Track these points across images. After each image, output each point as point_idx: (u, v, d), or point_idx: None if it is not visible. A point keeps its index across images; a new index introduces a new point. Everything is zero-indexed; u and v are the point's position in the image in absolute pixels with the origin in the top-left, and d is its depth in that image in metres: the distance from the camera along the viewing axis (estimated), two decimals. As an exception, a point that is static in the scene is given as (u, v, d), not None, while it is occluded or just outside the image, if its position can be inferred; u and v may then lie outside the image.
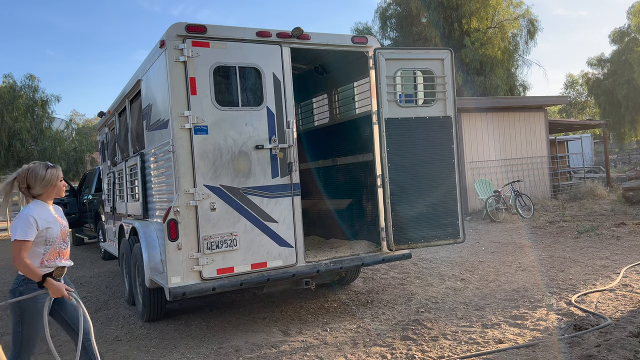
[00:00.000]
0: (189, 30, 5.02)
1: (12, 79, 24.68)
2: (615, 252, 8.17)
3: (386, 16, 29.18)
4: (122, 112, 7.65)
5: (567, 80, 52.61)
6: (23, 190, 3.40)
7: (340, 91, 7.47)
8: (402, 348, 4.61)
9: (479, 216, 14.13)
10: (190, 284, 4.95)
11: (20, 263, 3.21)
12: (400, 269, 8.07)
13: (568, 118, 43.84)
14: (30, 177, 3.39)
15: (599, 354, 3.99)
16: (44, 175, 3.39)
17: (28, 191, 3.41)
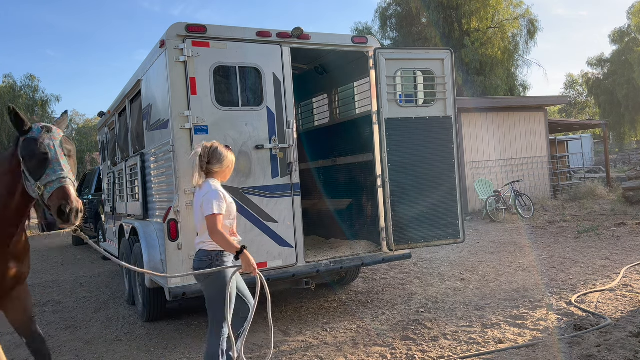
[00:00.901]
0: (189, 30, 5.02)
1: (12, 79, 24.74)
2: (615, 252, 8.17)
3: (386, 16, 29.19)
4: (122, 112, 7.65)
5: (567, 80, 52.67)
6: (202, 164, 3.60)
7: (340, 91, 7.47)
8: (402, 348, 4.61)
9: (479, 216, 14.14)
10: (190, 284, 4.95)
11: (218, 235, 3.39)
12: (400, 269, 8.07)
13: (568, 118, 43.84)
14: (212, 153, 3.62)
15: (599, 354, 4.00)
16: (225, 156, 3.65)
17: (206, 166, 3.60)
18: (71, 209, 2.97)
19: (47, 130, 3.20)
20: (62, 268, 10.92)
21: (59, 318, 6.64)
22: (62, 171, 3.07)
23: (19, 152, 3.17)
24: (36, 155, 3.08)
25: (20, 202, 3.25)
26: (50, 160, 3.08)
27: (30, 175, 3.08)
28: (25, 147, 3.12)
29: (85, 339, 5.64)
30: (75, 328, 6.12)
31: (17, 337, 5.81)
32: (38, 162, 3.07)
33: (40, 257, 12.84)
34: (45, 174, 3.04)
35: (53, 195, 2.99)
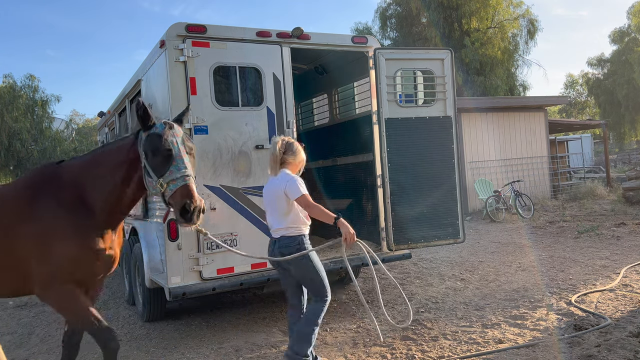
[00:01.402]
0: (189, 30, 5.03)
1: (12, 79, 24.69)
2: (615, 252, 8.17)
3: (386, 16, 29.16)
4: (122, 112, 7.65)
5: (567, 80, 52.61)
6: (280, 153, 3.93)
7: (340, 91, 7.47)
8: (402, 348, 4.61)
9: (479, 216, 14.13)
10: (190, 284, 4.95)
11: (316, 208, 3.80)
12: (400, 269, 8.06)
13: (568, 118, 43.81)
14: (289, 146, 3.99)
15: (599, 354, 3.99)
16: (300, 150, 4.04)
17: (282, 155, 3.94)
18: (194, 207, 3.00)
19: (170, 127, 3.22)
20: (62, 268, 10.91)
21: (59, 318, 6.63)
22: (186, 169, 3.09)
23: (139, 147, 3.21)
24: (160, 151, 3.10)
25: (134, 193, 3.33)
26: (174, 157, 3.09)
27: (153, 172, 3.10)
28: (148, 142, 3.13)
29: (85, 339, 5.61)
30: (75, 328, 6.11)
31: (17, 337, 5.82)
32: (162, 158, 3.09)
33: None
34: (169, 171, 3.06)
35: (176, 193, 3.01)
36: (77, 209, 3.28)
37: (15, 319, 6.73)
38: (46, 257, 3.19)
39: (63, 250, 3.19)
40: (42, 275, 3.22)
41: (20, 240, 3.21)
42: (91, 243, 3.28)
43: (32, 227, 3.21)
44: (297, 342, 3.89)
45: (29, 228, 3.21)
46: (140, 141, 3.23)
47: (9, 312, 7.14)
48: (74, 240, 3.22)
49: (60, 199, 3.30)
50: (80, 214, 3.28)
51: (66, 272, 3.22)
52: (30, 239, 3.20)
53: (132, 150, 3.29)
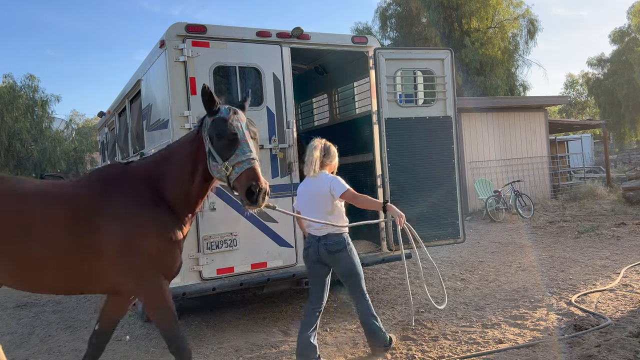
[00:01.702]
0: (189, 30, 5.02)
1: (12, 79, 24.67)
2: (616, 252, 8.17)
3: (386, 16, 29.16)
4: (122, 112, 7.65)
5: (567, 80, 52.60)
6: (320, 156, 4.26)
7: (340, 91, 7.47)
8: (402, 348, 4.60)
9: (479, 216, 14.13)
10: (190, 284, 4.95)
11: (363, 198, 4.16)
12: (400, 269, 8.05)
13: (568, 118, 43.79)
14: (327, 149, 4.34)
15: (599, 354, 3.99)
16: (335, 154, 4.38)
17: (321, 157, 4.25)
18: (260, 189, 3.05)
19: (234, 112, 3.27)
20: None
21: (59, 318, 6.63)
22: (251, 152, 3.14)
23: (204, 133, 3.25)
24: (226, 135, 3.14)
25: (202, 184, 3.36)
26: (239, 140, 3.14)
27: (219, 155, 3.14)
28: (214, 126, 3.18)
29: (85, 339, 5.59)
30: (75, 328, 6.11)
31: (17, 337, 5.82)
32: (228, 142, 3.13)
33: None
34: (234, 154, 3.10)
35: (242, 176, 3.06)
36: (158, 205, 3.34)
37: (15, 319, 6.73)
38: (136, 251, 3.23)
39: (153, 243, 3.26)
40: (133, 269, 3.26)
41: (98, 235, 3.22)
42: (175, 237, 3.34)
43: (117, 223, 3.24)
44: (372, 338, 4.36)
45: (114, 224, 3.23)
46: (205, 127, 3.27)
47: (9, 312, 7.14)
48: (162, 234, 3.29)
49: (141, 195, 3.35)
50: (162, 210, 3.34)
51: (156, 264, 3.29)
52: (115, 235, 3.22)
53: (197, 138, 3.33)
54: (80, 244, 3.22)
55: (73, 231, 3.23)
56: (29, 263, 3.25)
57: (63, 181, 3.79)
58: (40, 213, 3.27)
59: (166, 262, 3.35)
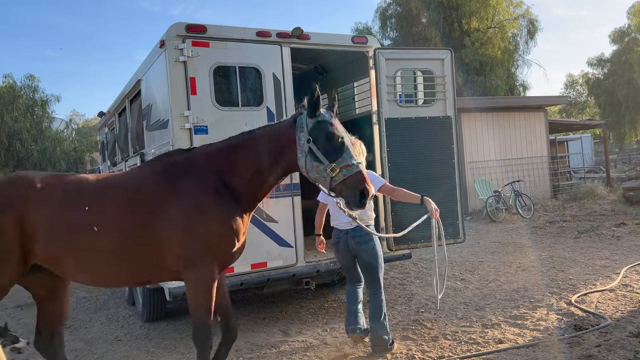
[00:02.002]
0: (189, 30, 5.02)
1: (12, 79, 24.66)
2: (616, 252, 8.17)
3: (386, 16, 29.15)
4: (122, 112, 7.65)
5: (567, 80, 52.59)
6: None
7: (340, 91, 7.47)
8: (402, 348, 4.60)
9: (479, 216, 14.13)
10: (190, 284, 4.94)
11: (399, 191, 4.44)
12: (400, 269, 8.06)
13: (568, 118, 43.77)
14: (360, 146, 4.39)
15: (599, 354, 3.99)
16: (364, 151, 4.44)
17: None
18: (369, 193, 3.21)
19: (334, 117, 3.40)
20: (62, 268, 10.91)
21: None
22: (357, 157, 3.32)
23: (300, 132, 3.31)
24: (334, 138, 3.25)
25: (277, 178, 3.46)
26: (346, 145, 3.28)
27: (325, 157, 3.22)
28: (319, 128, 3.27)
29: (85, 339, 5.64)
30: (75, 328, 6.12)
31: (17, 337, 5.81)
32: (336, 145, 3.25)
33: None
34: (342, 157, 3.22)
35: (351, 178, 3.19)
36: (220, 192, 3.37)
37: (15, 319, 6.73)
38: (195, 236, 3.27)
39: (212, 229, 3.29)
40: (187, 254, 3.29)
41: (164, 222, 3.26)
42: (235, 225, 3.37)
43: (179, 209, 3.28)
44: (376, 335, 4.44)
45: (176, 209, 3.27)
46: (303, 127, 3.31)
47: (9, 312, 7.14)
48: (221, 221, 3.32)
49: (204, 182, 3.38)
50: (224, 197, 3.37)
51: (211, 251, 3.32)
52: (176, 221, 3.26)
53: (285, 135, 3.38)
54: (147, 234, 3.28)
55: (140, 222, 3.28)
56: (99, 257, 3.30)
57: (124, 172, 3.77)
58: (107, 206, 3.31)
59: (223, 252, 3.40)
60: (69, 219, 3.27)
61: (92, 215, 3.28)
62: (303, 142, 3.28)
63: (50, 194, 3.32)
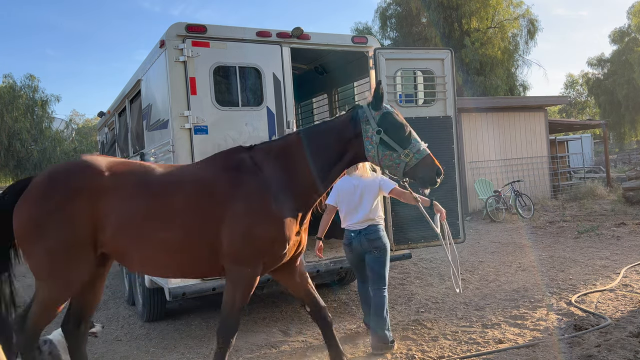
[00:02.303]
0: (189, 30, 5.02)
1: (12, 79, 24.67)
2: (616, 252, 8.17)
3: (386, 16, 29.15)
4: (122, 112, 7.65)
5: (567, 80, 52.57)
6: None
7: (340, 91, 7.47)
8: (402, 348, 4.60)
9: (479, 216, 14.13)
10: (190, 284, 4.94)
11: (408, 195, 4.49)
12: (400, 269, 8.06)
13: (568, 118, 43.76)
14: None
15: (599, 354, 3.99)
16: None
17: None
18: (442, 172, 3.55)
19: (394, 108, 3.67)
20: (62, 268, 10.90)
21: (58, 318, 6.62)
22: (422, 142, 3.53)
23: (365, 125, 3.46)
24: (402, 127, 3.48)
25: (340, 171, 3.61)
26: (412, 132, 3.52)
27: (398, 145, 3.44)
28: (387, 120, 3.47)
29: (85, 339, 5.63)
30: (75, 328, 6.11)
31: (17, 337, 5.81)
32: (406, 133, 3.47)
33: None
34: (412, 144, 3.45)
35: (425, 160, 3.48)
36: (282, 194, 3.44)
37: (15, 319, 6.72)
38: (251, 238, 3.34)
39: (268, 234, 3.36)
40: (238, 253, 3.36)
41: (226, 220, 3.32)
42: (290, 230, 3.44)
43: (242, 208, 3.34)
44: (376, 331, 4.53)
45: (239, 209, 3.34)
46: (368, 119, 3.47)
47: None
48: (279, 226, 3.38)
49: (267, 182, 3.44)
50: (286, 200, 3.45)
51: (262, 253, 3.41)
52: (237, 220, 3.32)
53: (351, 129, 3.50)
54: (210, 229, 3.32)
55: (206, 217, 3.33)
56: (164, 249, 3.33)
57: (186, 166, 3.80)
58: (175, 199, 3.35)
59: (273, 255, 3.47)
60: (137, 210, 3.28)
61: (161, 207, 3.31)
62: (371, 134, 3.45)
63: (119, 182, 3.31)
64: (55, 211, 3.18)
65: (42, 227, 3.17)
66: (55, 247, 3.18)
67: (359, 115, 3.50)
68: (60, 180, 3.31)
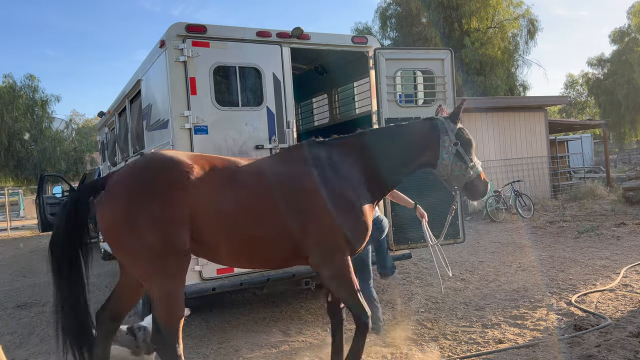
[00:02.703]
0: (189, 30, 5.02)
1: (12, 79, 24.68)
2: (616, 252, 8.17)
3: (386, 16, 29.16)
4: (122, 112, 7.65)
5: (567, 80, 52.61)
6: None
7: (340, 91, 7.47)
8: (402, 348, 4.60)
9: (479, 216, 14.13)
10: (190, 284, 4.94)
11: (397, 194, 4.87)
12: (400, 269, 8.06)
13: (568, 118, 43.76)
14: None
15: (599, 354, 3.99)
16: None
17: None
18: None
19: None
20: (62, 268, 10.90)
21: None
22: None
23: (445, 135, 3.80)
24: (471, 143, 3.88)
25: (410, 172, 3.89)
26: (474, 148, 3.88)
27: (469, 157, 3.80)
28: (462, 134, 3.86)
29: (85, 339, 5.63)
30: (75, 328, 6.11)
31: (17, 337, 5.82)
32: (472, 149, 3.86)
33: (40, 257, 12.84)
34: (474, 159, 3.85)
35: (480, 176, 3.83)
36: (363, 187, 3.64)
37: (15, 319, 6.73)
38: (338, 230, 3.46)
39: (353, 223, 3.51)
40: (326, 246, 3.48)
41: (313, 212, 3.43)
42: (369, 217, 3.63)
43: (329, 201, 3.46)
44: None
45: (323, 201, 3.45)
46: (448, 131, 3.82)
47: (9, 312, 7.14)
48: (363, 216, 3.56)
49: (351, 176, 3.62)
50: (366, 192, 3.64)
51: (351, 243, 3.53)
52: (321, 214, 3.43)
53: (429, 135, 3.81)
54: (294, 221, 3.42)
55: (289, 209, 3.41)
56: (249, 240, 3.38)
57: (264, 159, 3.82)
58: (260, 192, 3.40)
59: (358, 241, 3.60)
60: (228, 202, 3.29)
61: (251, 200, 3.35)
62: (448, 145, 3.77)
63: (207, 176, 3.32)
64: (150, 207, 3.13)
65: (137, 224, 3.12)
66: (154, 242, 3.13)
67: (438, 126, 3.81)
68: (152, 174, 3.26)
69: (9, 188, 26.50)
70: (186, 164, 3.28)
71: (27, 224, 24.53)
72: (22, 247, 16.09)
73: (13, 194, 29.41)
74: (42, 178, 14.57)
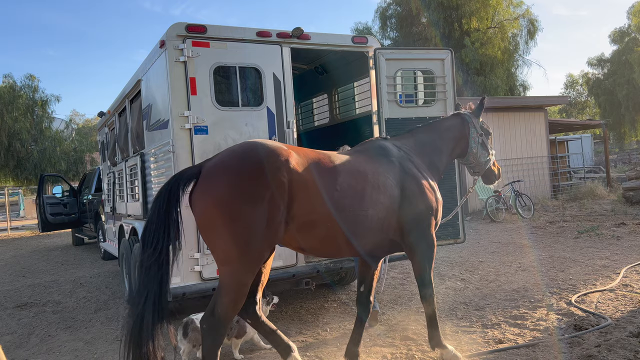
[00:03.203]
0: (189, 30, 5.02)
1: (12, 79, 24.70)
2: (616, 252, 8.17)
3: (386, 16, 29.18)
4: (122, 112, 7.65)
5: (567, 80, 52.61)
6: None
7: (341, 91, 7.47)
8: (402, 348, 4.60)
9: (479, 216, 14.13)
10: (190, 284, 4.95)
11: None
12: (401, 269, 8.06)
13: (568, 118, 43.74)
14: None
15: (599, 354, 3.99)
16: None
17: None
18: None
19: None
20: (62, 268, 10.92)
21: (59, 318, 6.64)
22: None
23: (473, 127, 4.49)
24: (490, 134, 4.62)
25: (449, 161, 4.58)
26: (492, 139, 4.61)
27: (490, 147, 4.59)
28: (484, 127, 4.58)
29: (85, 339, 5.64)
30: (75, 328, 6.11)
31: (17, 337, 5.82)
32: (490, 139, 4.62)
33: (40, 257, 12.84)
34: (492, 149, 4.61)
35: (494, 164, 4.64)
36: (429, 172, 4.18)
37: (15, 319, 6.73)
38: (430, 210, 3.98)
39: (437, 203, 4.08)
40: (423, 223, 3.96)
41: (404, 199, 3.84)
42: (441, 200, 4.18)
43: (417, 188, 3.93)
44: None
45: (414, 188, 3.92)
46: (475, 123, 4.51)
47: (9, 312, 7.15)
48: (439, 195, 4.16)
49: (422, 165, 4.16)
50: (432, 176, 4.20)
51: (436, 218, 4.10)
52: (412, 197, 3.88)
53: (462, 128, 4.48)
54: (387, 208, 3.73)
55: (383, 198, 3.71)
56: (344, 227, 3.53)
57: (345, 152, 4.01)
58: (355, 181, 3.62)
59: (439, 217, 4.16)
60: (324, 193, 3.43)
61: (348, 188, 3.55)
62: (476, 136, 4.47)
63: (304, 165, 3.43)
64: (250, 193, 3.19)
65: (236, 210, 3.16)
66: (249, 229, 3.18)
67: (467, 120, 4.48)
68: (248, 162, 3.29)
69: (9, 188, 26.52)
70: (284, 152, 3.40)
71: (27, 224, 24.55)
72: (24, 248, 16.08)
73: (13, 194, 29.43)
74: (42, 178, 14.57)
